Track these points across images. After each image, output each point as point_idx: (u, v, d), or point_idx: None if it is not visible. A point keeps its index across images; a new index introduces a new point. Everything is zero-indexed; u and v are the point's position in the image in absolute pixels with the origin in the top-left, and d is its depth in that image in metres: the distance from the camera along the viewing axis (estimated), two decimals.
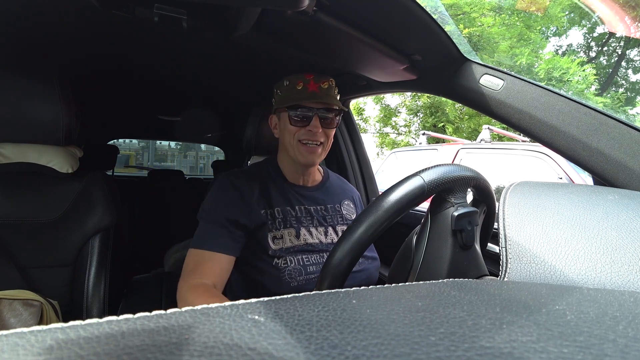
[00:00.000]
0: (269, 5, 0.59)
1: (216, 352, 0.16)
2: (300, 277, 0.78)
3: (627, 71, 9.91)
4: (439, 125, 8.24)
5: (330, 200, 0.92)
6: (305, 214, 0.86)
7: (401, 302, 0.24)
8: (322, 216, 0.88)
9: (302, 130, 0.82)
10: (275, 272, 0.77)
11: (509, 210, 0.39)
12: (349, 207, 0.95)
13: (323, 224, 0.87)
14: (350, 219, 0.93)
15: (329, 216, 0.89)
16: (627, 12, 4.60)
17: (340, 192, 0.96)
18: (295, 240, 0.82)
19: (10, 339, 0.16)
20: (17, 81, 0.81)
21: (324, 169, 1.00)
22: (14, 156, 0.88)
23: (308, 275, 0.79)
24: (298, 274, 0.78)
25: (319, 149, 0.83)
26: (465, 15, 6.93)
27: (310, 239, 0.83)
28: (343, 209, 0.93)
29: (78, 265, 0.93)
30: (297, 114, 0.81)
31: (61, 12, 0.74)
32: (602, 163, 0.62)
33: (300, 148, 0.83)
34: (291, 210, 0.85)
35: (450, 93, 0.87)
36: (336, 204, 0.93)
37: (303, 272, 0.78)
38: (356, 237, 0.46)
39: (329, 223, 0.88)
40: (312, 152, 0.83)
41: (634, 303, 0.25)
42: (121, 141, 4.45)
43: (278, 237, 0.80)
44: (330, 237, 0.86)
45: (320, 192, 0.91)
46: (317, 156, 0.84)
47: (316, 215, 0.87)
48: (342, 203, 0.94)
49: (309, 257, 0.81)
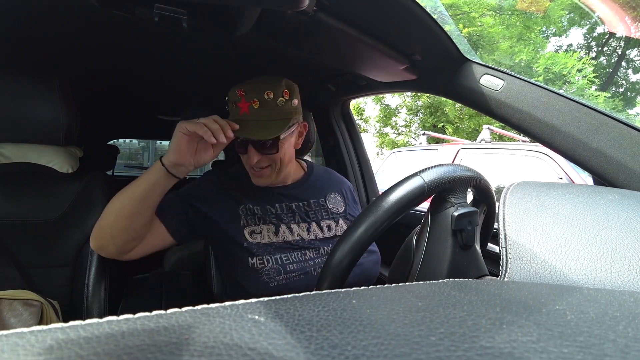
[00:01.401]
0: (269, 5, 0.59)
1: (216, 352, 0.16)
2: (279, 277, 0.75)
3: (627, 71, 9.92)
4: (439, 125, 8.24)
5: (313, 195, 0.90)
6: (286, 211, 0.84)
7: (401, 302, 0.24)
8: (305, 212, 0.86)
9: (245, 156, 0.79)
10: (253, 273, 0.75)
11: (509, 210, 0.39)
12: (336, 200, 0.92)
13: (305, 219, 0.85)
14: (337, 213, 0.90)
15: (312, 212, 0.87)
16: (627, 12, 4.60)
17: (325, 186, 0.94)
18: (273, 236, 0.80)
19: (10, 339, 0.16)
20: (17, 81, 0.81)
21: (308, 164, 0.98)
22: (14, 156, 0.88)
23: (288, 274, 0.76)
24: (277, 274, 0.75)
25: (267, 171, 0.80)
26: (464, 15, 6.94)
27: (289, 237, 0.81)
28: (328, 202, 0.90)
29: (78, 265, 0.93)
30: (237, 140, 0.77)
31: (61, 12, 0.74)
32: (602, 163, 0.62)
33: (251, 171, 0.81)
34: (271, 208, 0.83)
35: (450, 93, 0.87)
36: (320, 199, 0.90)
37: (282, 271, 0.76)
38: (356, 237, 0.46)
39: (312, 219, 0.86)
40: (260, 175, 0.80)
41: (634, 303, 0.25)
42: (121, 141, 4.46)
43: (256, 232, 0.79)
44: (314, 233, 0.84)
45: (301, 189, 0.89)
46: (268, 177, 0.81)
47: (298, 211, 0.85)
48: (327, 197, 0.91)
49: (288, 255, 0.78)
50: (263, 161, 0.78)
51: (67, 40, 0.90)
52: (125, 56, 1.04)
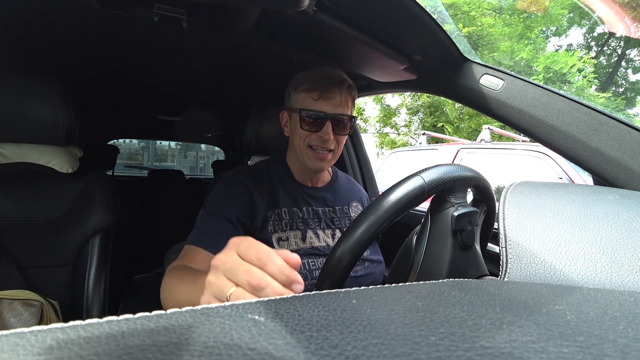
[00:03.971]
0: (269, 5, 0.59)
1: (216, 352, 0.16)
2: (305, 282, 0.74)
3: (626, 71, 9.92)
4: (439, 125, 8.24)
5: (339, 201, 0.89)
6: (312, 216, 0.83)
7: (401, 302, 0.24)
8: (330, 218, 0.85)
9: (313, 135, 0.78)
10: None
11: (509, 210, 0.39)
12: (357, 209, 0.93)
13: (331, 226, 0.84)
14: None
15: (336, 218, 0.86)
16: (627, 12, 4.60)
17: (348, 194, 0.94)
18: (301, 243, 0.78)
19: (10, 339, 0.16)
20: (17, 81, 0.81)
21: (333, 168, 0.98)
22: (14, 156, 0.89)
23: (314, 280, 0.75)
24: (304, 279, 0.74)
25: (329, 155, 0.80)
26: (464, 15, 6.94)
27: (316, 242, 0.80)
28: (351, 211, 0.91)
29: (78, 265, 0.93)
30: (310, 114, 0.77)
31: (61, 12, 0.74)
32: (602, 163, 0.62)
33: (309, 153, 0.79)
34: (298, 211, 0.82)
35: (450, 93, 0.87)
36: (344, 206, 0.90)
37: (309, 276, 0.74)
38: (356, 236, 0.46)
39: (336, 225, 0.85)
40: (321, 159, 0.79)
41: (634, 303, 0.25)
42: (121, 141, 4.46)
43: (283, 239, 0.77)
44: None
45: (329, 193, 0.89)
46: (327, 162, 0.80)
47: (324, 217, 0.84)
48: (350, 205, 0.91)
49: (314, 261, 0.77)
50: (332, 142, 0.79)
51: (68, 40, 0.90)
52: (125, 56, 1.04)
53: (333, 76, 0.78)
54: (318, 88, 0.77)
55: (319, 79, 0.78)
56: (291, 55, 0.97)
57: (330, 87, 0.77)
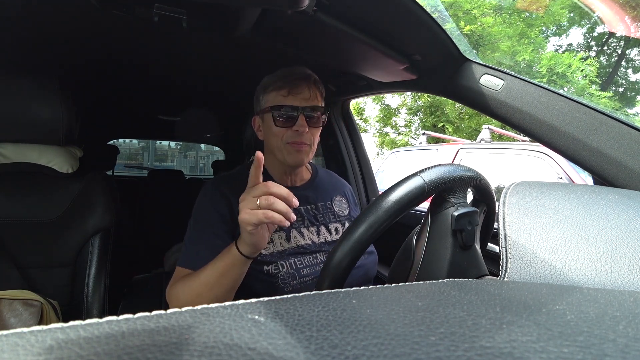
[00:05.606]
0: (269, 5, 0.59)
1: (216, 352, 0.16)
2: (293, 282, 0.75)
3: (626, 71, 9.92)
4: (439, 125, 8.24)
5: (321, 198, 0.90)
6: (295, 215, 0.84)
7: (401, 302, 0.24)
8: (313, 215, 0.86)
9: (289, 131, 0.79)
10: (268, 278, 0.74)
11: (509, 210, 0.39)
12: (341, 203, 0.93)
13: (315, 223, 0.85)
14: (342, 216, 0.91)
15: (320, 215, 0.87)
16: (627, 12, 4.60)
17: (330, 189, 0.94)
18: (285, 243, 0.79)
19: (10, 339, 0.16)
20: (17, 81, 0.81)
21: (312, 165, 0.98)
22: (14, 156, 0.89)
23: (302, 278, 0.76)
24: (291, 279, 0.75)
25: (307, 147, 0.81)
26: (465, 14, 6.94)
27: (301, 241, 0.81)
28: (334, 205, 0.91)
29: (78, 265, 0.93)
30: (282, 111, 0.78)
31: (61, 12, 0.74)
32: (602, 163, 0.62)
33: (288, 148, 0.80)
34: None
35: (450, 93, 0.87)
36: (327, 201, 0.90)
37: (296, 275, 0.76)
38: (356, 237, 0.46)
39: (320, 222, 0.86)
40: (300, 150, 0.80)
41: (634, 303, 0.25)
42: (121, 141, 4.46)
43: (268, 242, 0.77)
44: (323, 237, 0.84)
45: (309, 190, 0.89)
46: (306, 155, 0.81)
47: (307, 215, 0.85)
48: (333, 200, 0.92)
49: (301, 259, 0.78)
50: (307, 137, 0.79)
51: (68, 40, 0.90)
52: (125, 56, 1.04)
53: (298, 72, 0.80)
54: (286, 85, 0.78)
55: (285, 77, 0.79)
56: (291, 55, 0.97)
57: (298, 82, 0.78)
